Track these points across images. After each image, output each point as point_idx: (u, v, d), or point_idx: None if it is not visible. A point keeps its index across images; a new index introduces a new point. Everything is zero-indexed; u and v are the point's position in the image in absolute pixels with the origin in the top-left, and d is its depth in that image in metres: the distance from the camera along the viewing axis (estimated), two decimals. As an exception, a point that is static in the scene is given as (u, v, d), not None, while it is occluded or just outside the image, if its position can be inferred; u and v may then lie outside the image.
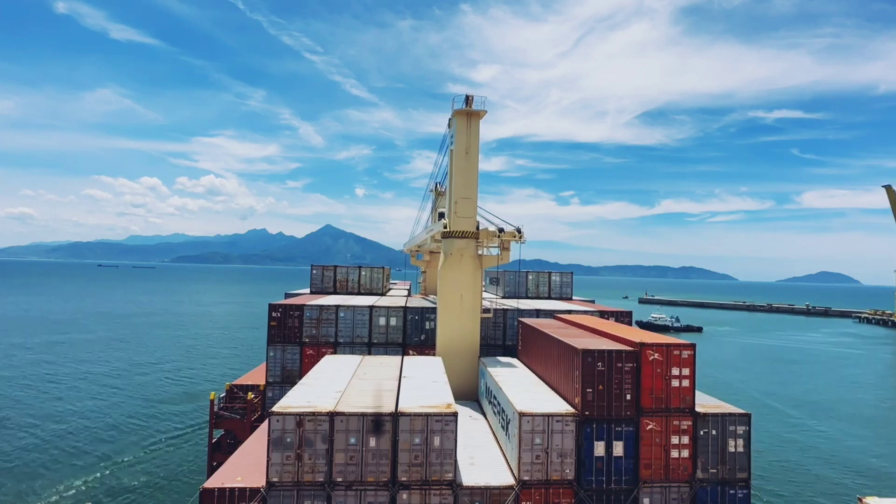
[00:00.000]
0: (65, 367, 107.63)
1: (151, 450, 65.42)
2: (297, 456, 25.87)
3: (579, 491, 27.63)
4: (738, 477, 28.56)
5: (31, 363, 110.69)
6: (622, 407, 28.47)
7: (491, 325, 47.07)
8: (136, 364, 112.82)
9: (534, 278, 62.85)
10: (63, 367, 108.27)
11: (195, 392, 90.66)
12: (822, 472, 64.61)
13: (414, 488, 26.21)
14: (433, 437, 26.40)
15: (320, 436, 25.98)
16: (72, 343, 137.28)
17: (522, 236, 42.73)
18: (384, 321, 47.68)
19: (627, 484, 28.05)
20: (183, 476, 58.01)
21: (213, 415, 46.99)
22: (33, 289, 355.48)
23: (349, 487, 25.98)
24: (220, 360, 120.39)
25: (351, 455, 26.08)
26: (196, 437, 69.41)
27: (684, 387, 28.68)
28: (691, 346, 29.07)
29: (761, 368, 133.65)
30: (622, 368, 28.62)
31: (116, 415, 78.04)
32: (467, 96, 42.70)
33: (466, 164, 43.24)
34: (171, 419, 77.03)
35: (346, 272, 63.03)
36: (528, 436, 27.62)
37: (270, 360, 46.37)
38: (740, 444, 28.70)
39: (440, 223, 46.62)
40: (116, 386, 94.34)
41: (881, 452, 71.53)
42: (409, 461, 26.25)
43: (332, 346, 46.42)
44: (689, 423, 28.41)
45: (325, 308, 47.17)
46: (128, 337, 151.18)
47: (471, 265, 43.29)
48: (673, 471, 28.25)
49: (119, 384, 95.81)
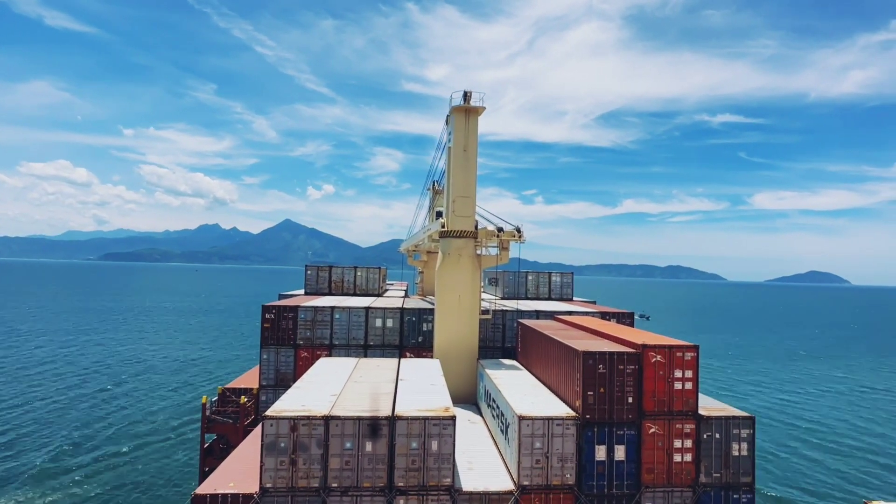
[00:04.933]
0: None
1: (141, 455, 65.20)
2: (292, 461, 25.76)
3: (580, 496, 27.59)
4: (743, 481, 28.57)
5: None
6: (624, 410, 28.45)
7: (490, 327, 47.02)
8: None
9: (533, 279, 62.80)
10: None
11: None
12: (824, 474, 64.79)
13: (411, 494, 26.12)
14: (431, 442, 26.31)
15: (315, 440, 25.88)
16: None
17: (522, 236, 42.68)
18: (380, 323, 47.58)
19: (629, 489, 28.03)
20: (174, 481, 57.85)
21: (205, 419, 46.82)
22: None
23: (345, 493, 25.88)
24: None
25: (346, 460, 25.99)
26: (188, 442, 69.22)
27: (687, 389, 28.68)
28: (694, 348, 29.07)
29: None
30: (624, 371, 28.60)
31: (98, 419, 77.78)
32: (465, 92, 42.61)
33: (465, 162, 43.16)
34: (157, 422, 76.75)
35: (341, 272, 62.91)
36: (527, 440, 27.58)
37: (264, 362, 46.23)
38: (744, 448, 28.71)
39: (438, 222, 46.54)
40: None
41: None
42: (407, 466, 26.17)
43: (328, 349, 46.32)
44: (692, 426, 28.41)
45: (320, 309, 47.06)
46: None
47: (469, 265, 43.22)
48: (676, 475, 28.24)
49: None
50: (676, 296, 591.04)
